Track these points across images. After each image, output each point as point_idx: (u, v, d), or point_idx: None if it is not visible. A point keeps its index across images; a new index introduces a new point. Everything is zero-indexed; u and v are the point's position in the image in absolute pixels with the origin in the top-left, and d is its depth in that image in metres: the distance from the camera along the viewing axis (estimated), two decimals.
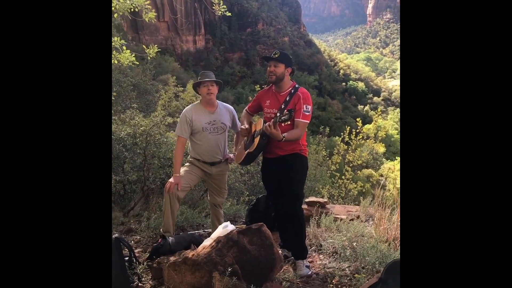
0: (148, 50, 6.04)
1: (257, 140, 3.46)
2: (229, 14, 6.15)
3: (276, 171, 3.50)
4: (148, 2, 5.92)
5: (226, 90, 62.53)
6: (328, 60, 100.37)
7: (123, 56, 5.68)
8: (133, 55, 5.83)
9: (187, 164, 4.04)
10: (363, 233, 3.96)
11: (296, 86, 3.52)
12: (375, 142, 10.81)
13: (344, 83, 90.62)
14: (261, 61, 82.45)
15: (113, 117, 6.97)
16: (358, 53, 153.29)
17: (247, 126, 3.63)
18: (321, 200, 5.07)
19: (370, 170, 20.84)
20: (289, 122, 3.24)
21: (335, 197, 9.32)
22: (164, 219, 3.81)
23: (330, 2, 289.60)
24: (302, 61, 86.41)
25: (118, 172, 5.56)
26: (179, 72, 51.40)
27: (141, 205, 5.82)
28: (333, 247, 3.78)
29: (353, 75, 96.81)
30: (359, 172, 9.49)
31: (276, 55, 3.45)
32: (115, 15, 5.81)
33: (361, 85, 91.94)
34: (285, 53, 3.53)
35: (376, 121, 27.32)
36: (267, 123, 3.13)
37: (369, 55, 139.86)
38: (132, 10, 5.78)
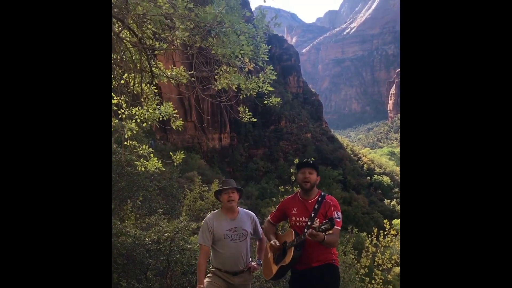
0: (174, 156, 6.19)
1: (291, 251, 3.36)
2: (255, 120, 6.37)
3: (309, 283, 3.37)
4: (175, 111, 6.25)
5: (250, 185, 62.96)
6: (351, 155, 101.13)
7: (150, 163, 5.88)
8: (160, 161, 6.02)
9: (209, 275, 3.94)
10: None
11: (322, 193, 3.51)
12: None
13: (368, 177, 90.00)
14: (285, 157, 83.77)
15: (137, 221, 7.07)
16: (381, 147, 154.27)
17: (278, 243, 3.54)
18: None
19: None
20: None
21: None
22: None
23: (350, 100, 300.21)
24: (325, 156, 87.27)
25: (141, 279, 5.47)
26: (204, 169, 52.53)
27: None
28: None
29: (377, 169, 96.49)
30: (389, 276, 9.01)
31: (311, 162, 3.49)
32: (144, 124, 6.15)
33: (386, 179, 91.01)
34: (315, 161, 3.57)
35: None
36: (309, 231, 3.05)
37: (392, 149, 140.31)
38: (161, 119, 6.11)
